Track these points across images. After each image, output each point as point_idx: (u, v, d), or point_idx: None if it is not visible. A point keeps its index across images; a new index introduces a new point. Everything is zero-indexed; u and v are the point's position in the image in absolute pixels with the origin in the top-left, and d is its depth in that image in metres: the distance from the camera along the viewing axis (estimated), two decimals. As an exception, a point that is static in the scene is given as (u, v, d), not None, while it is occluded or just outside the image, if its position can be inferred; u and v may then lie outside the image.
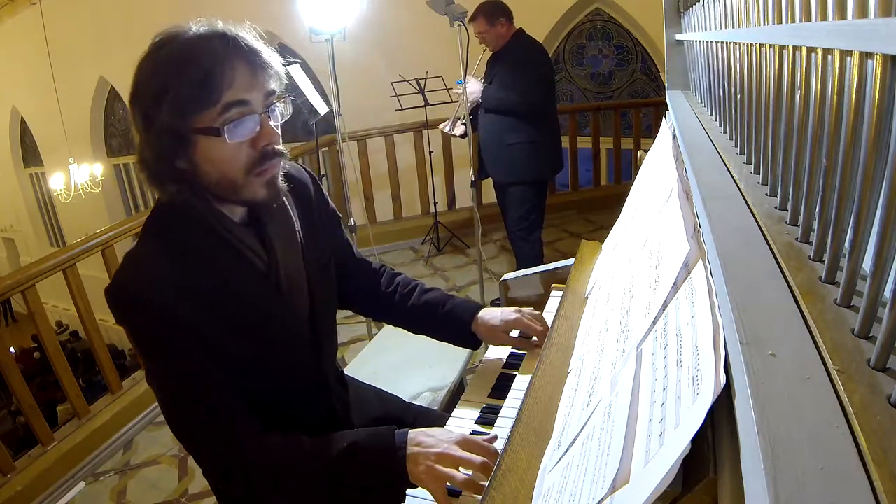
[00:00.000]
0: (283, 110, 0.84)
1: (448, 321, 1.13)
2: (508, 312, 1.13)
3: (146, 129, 0.77)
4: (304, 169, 1.05)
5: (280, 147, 0.83)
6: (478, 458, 0.81)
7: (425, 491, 0.85)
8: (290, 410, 0.97)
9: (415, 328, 1.19)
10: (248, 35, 0.78)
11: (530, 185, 2.82)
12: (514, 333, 1.13)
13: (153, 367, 0.84)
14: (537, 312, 1.15)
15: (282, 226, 0.92)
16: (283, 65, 0.84)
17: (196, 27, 0.77)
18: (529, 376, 0.94)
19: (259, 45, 0.79)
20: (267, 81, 0.80)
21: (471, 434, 0.91)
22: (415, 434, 0.84)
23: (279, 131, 0.83)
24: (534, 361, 1.04)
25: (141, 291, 0.79)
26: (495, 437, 0.88)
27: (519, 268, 1.51)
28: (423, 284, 1.19)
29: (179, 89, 0.74)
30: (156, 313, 0.79)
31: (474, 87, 2.75)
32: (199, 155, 0.78)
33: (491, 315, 1.13)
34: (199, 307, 0.81)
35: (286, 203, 0.94)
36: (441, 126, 3.14)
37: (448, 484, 0.79)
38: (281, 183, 0.85)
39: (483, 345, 1.17)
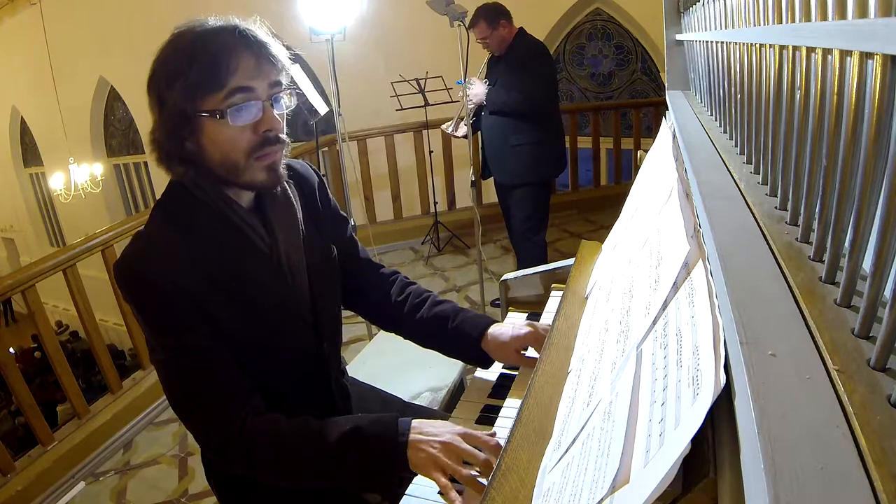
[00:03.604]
0: (287, 102, 0.87)
1: (456, 336, 1.08)
2: (520, 326, 1.06)
3: (159, 111, 0.83)
4: (311, 167, 1.08)
5: (282, 135, 0.87)
6: (482, 455, 0.82)
7: (424, 490, 0.85)
8: (290, 395, 0.99)
9: (423, 342, 1.15)
10: (259, 29, 0.84)
11: (535, 186, 2.82)
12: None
13: (159, 343, 0.86)
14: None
15: (284, 212, 0.95)
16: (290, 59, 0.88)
17: (212, 21, 0.83)
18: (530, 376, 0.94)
19: (267, 39, 0.84)
20: (271, 72, 0.84)
21: None
22: (418, 423, 0.87)
23: (283, 121, 0.87)
24: (534, 362, 1.03)
25: (148, 268, 0.82)
26: (494, 434, 0.89)
27: (520, 269, 1.50)
28: (435, 296, 1.15)
29: (190, 74, 0.79)
30: (163, 289, 0.82)
31: (478, 90, 2.74)
32: (205, 137, 0.83)
33: (501, 331, 1.07)
34: (205, 283, 0.84)
35: (290, 193, 0.97)
36: (443, 127, 3.14)
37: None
38: (282, 170, 0.89)
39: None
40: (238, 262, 0.88)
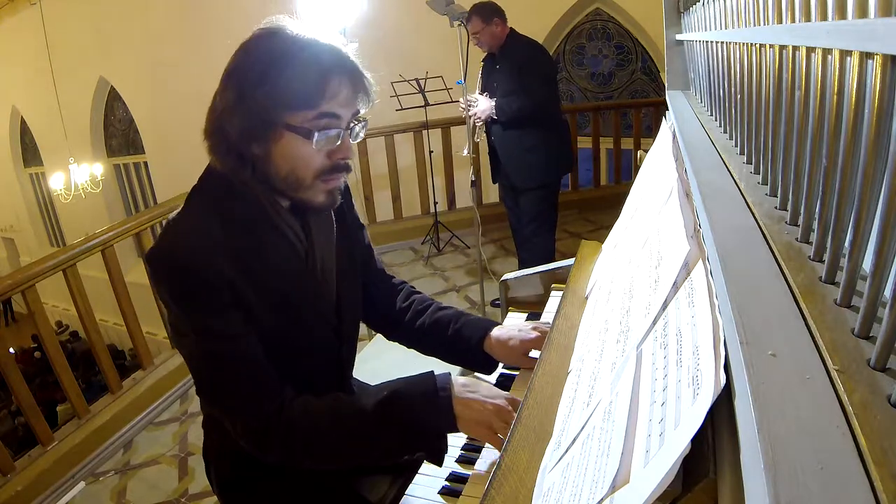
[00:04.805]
0: (359, 131, 0.88)
1: (457, 340, 1.08)
2: (527, 330, 1.06)
3: (236, 104, 0.79)
4: None
5: (350, 163, 0.87)
6: None
7: (424, 490, 0.85)
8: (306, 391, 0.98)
9: (424, 348, 1.14)
10: (356, 56, 0.84)
11: (547, 188, 2.84)
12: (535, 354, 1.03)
13: (192, 328, 0.84)
14: None
15: (321, 218, 0.95)
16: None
17: (304, 31, 0.81)
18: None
19: (364, 71, 0.84)
20: (359, 103, 0.85)
21: None
22: (463, 379, 0.89)
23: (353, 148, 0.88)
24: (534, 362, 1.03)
25: (184, 254, 0.81)
26: None
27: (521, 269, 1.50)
28: (439, 303, 1.14)
29: (287, 82, 0.78)
30: (198, 273, 0.80)
31: (483, 106, 2.73)
32: (278, 147, 0.82)
33: (508, 334, 1.06)
34: (239, 271, 0.83)
35: None
36: (464, 153, 3.00)
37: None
38: (337, 194, 0.89)
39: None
40: (273, 256, 0.88)
